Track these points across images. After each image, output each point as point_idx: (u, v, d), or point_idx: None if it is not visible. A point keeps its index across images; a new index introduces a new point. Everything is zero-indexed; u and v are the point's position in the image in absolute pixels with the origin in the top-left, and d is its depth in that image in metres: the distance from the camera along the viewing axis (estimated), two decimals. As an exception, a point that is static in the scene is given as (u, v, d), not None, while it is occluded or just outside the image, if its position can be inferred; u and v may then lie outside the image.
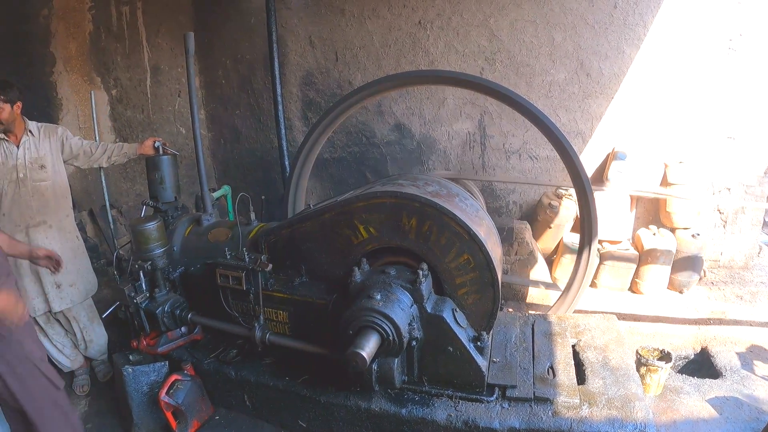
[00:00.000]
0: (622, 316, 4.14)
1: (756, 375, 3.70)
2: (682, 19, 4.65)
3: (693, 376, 3.76)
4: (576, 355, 3.23)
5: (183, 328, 3.42)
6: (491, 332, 2.95)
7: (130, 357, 3.34)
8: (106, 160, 3.67)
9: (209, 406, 3.32)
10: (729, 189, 5.02)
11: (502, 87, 3.63)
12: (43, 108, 4.53)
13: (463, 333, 2.74)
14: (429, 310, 2.68)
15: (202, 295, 3.36)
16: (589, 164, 5.15)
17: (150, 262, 3.21)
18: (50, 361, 3.64)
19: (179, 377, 3.13)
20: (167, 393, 3.05)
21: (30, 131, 3.34)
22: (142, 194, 5.63)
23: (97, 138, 4.15)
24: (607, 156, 5.14)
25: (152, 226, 3.23)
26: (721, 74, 4.75)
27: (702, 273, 5.03)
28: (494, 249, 2.95)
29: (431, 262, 2.83)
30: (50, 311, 3.50)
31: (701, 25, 4.65)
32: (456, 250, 2.77)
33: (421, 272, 2.72)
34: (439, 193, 2.97)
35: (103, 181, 4.08)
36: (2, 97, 3.12)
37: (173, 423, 3.11)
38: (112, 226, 4.27)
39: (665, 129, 4.98)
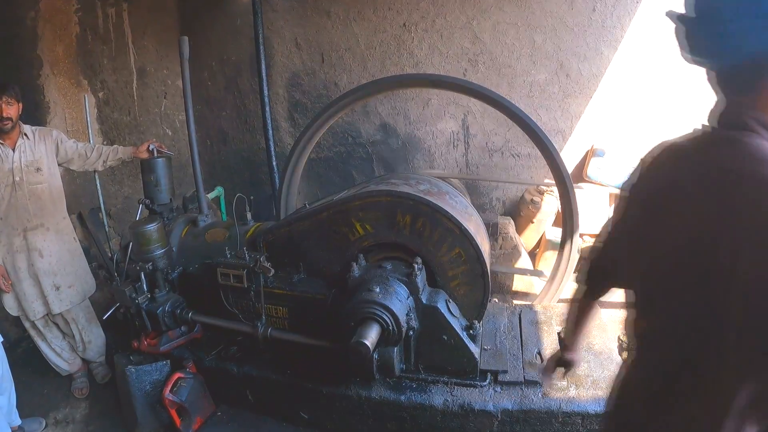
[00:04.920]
0: (602, 305, 4.35)
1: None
2: (659, 21, 4.87)
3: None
4: (561, 341, 3.40)
5: (183, 327, 3.48)
6: (481, 321, 3.11)
7: (131, 357, 3.39)
8: (101, 164, 3.71)
9: (211, 403, 3.39)
10: (703, 184, 5.27)
11: (488, 89, 3.79)
12: (30, 111, 4.49)
13: (457, 322, 2.89)
14: (424, 302, 2.83)
15: (201, 295, 3.43)
16: (569, 161, 5.35)
17: (151, 263, 3.28)
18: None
19: (182, 375, 3.21)
20: (171, 391, 3.12)
21: (25, 134, 3.38)
22: (130, 197, 5.64)
23: (92, 141, 4.18)
24: (587, 153, 5.35)
25: (153, 228, 3.29)
26: (695, 74, 4.96)
27: (679, 264, 5.27)
28: (483, 243, 3.11)
29: (425, 257, 2.97)
30: (49, 314, 3.54)
31: (676, 26, 4.87)
32: (448, 244, 2.92)
33: (416, 266, 2.86)
34: (430, 191, 3.11)
35: (98, 185, 4.11)
36: (15, 95, 3.23)
37: (177, 420, 3.17)
38: (107, 229, 4.30)
39: (642, 127, 5.20)
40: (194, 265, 3.51)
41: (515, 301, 4.65)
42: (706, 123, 1.20)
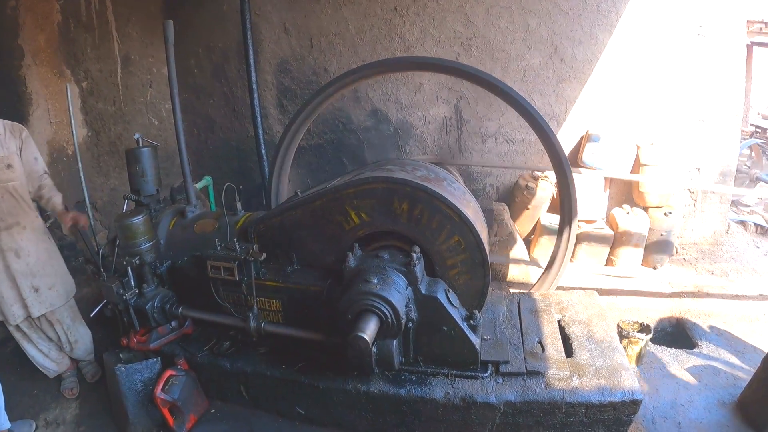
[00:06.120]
0: (600, 292, 4.31)
1: (729, 345, 3.91)
2: (654, 6, 4.81)
3: (671, 348, 3.95)
4: (562, 329, 3.35)
5: (173, 323, 3.37)
6: (481, 311, 3.04)
7: (121, 355, 3.29)
8: (34, 193, 3.42)
9: (205, 400, 3.31)
10: (699, 169, 5.25)
11: (485, 73, 3.68)
12: (12, 104, 4.36)
13: (456, 312, 2.81)
14: (423, 292, 2.75)
15: (191, 288, 3.33)
16: (564, 146, 5.26)
17: (138, 257, 3.15)
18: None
19: (174, 372, 3.11)
20: (162, 389, 3.03)
21: None
22: (116, 189, 5.50)
23: (74, 132, 4.04)
24: (581, 138, 5.29)
25: (139, 220, 3.16)
26: (690, 59, 4.95)
27: (674, 250, 5.25)
28: (482, 230, 3.04)
29: (423, 245, 2.89)
30: (30, 317, 3.37)
31: (672, 11, 4.82)
32: (447, 232, 2.84)
33: (414, 255, 2.77)
34: (428, 177, 3.02)
35: (83, 178, 3.97)
36: None
37: (170, 420, 3.08)
38: (92, 223, 4.15)
39: (637, 112, 5.15)
40: (183, 258, 3.39)
41: (512, 290, 4.59)
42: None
